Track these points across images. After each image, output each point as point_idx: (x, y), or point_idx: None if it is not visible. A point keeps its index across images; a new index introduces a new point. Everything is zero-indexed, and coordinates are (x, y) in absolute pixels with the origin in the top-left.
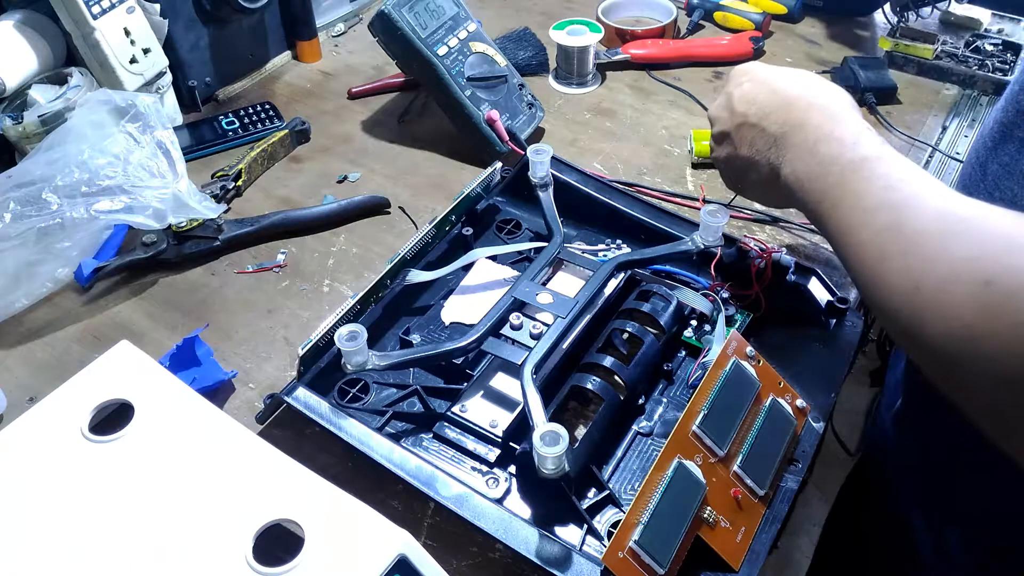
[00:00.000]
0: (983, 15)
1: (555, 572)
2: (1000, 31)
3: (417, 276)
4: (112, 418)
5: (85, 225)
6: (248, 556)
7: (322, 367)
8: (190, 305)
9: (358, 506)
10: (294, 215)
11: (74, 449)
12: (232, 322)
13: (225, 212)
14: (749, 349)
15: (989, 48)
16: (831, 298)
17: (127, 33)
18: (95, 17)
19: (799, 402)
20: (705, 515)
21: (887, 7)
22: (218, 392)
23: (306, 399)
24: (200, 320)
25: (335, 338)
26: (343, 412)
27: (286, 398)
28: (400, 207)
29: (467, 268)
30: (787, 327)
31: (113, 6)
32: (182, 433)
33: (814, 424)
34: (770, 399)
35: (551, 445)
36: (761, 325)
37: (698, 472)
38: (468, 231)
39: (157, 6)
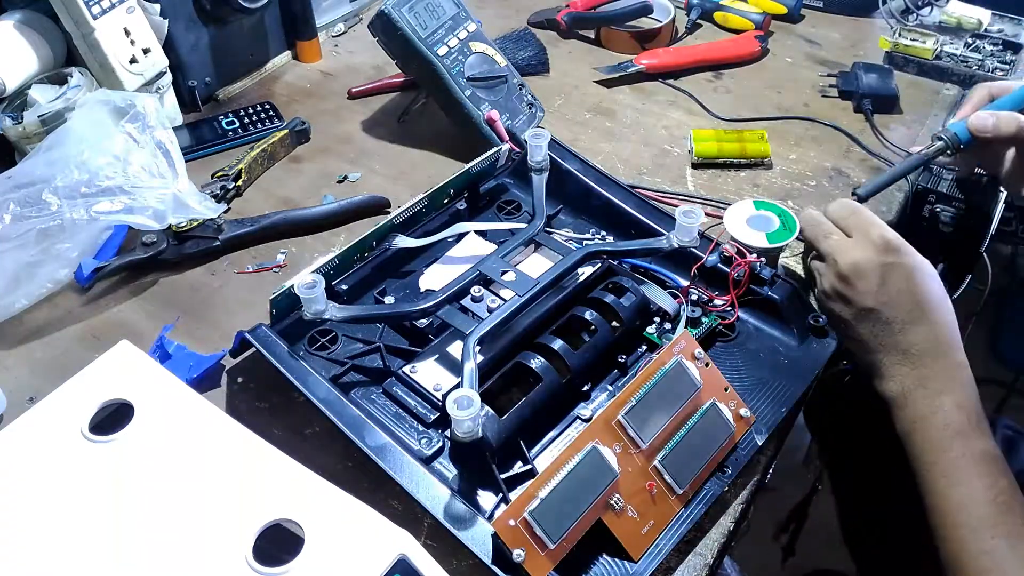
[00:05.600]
0: (983, 15)
1: (452, 529)
2: (1000, 31)
3: (403, 242)
4: (112, 418)
5: (85, 226)
6: (248, 556)
7: (300, 318)
8: (190, 305)
9: (358, 506)
10: (294, 215)
11: (74, 449)
12: (232, 322)
13: (225, 212)
14: (698, 351)
15: (989, 48)
16: (807, 315)
17: (127, 33)
18: (95, 17)
19: (743, 411)
20: (612, 501)
21: (887, 7)
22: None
23: (266, 339)
24: (200, 320)
25: (295, 286)
26: (298, 357)
27: (248, 335)
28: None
29: (456, 241)
30: (758, 338)
31: (113, 6)
32: (182, 433)
33: (756, 436)
34: (710, 402)
35: (463, 408)
36: (732, 332)
37: (612, 459)
38: (462, 206)
39: (157, 6)
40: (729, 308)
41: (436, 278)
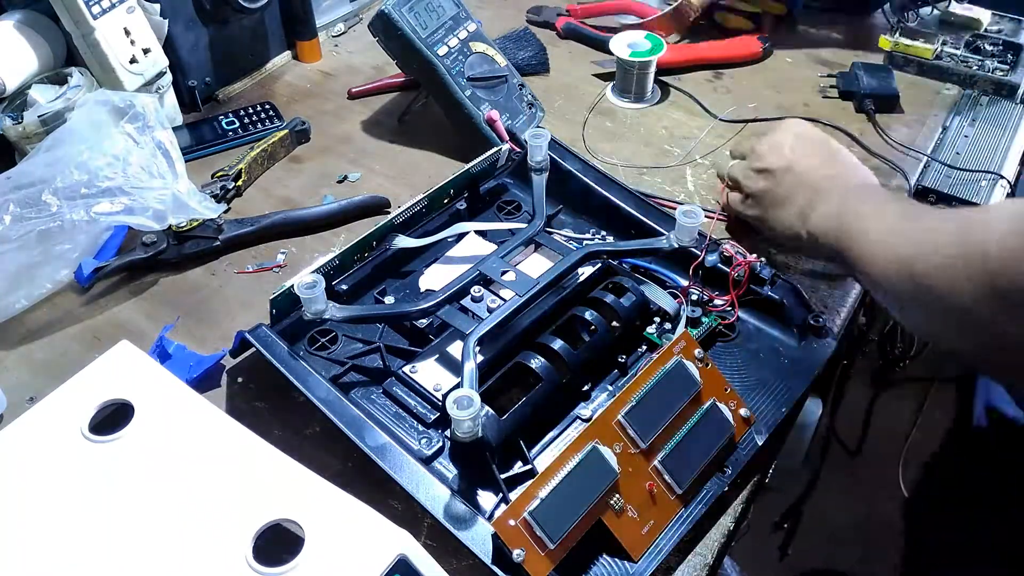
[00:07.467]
0: (983, 15)
1: (452, 529)
2: (1000, 31)
3: (403, 242)
4: (112, 418)
5: (85, 227)
6: (248, 556)
7: (300, 318)
8: (190, 305)
9: (358, 506)
10: (294, 215)
11: (74, 449)
12: (232, 322)
13: (225, 212)
14: (698, 351)
15: (989, 48)
16: (807, 315)
17: (127, 33)
18: (95, 17)
19: (743, 411)
20: (612, 501)
21: (887, 7)
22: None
23: (266, 339)
24: (200, 320)
25: (295, 286)
26: (298, 357)
27: (248, 335)
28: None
29: (456, 241)
30: (758, 338)
31: (113, 6)
32: (182, 433)
33: (756, 436)
34: (710, 402)
35: (463, 408)
36: (732, 332)
37: (612, 459)
38: (462, 206)
39: (157, 6)
40: (729, 308)
41: (436, 278)
